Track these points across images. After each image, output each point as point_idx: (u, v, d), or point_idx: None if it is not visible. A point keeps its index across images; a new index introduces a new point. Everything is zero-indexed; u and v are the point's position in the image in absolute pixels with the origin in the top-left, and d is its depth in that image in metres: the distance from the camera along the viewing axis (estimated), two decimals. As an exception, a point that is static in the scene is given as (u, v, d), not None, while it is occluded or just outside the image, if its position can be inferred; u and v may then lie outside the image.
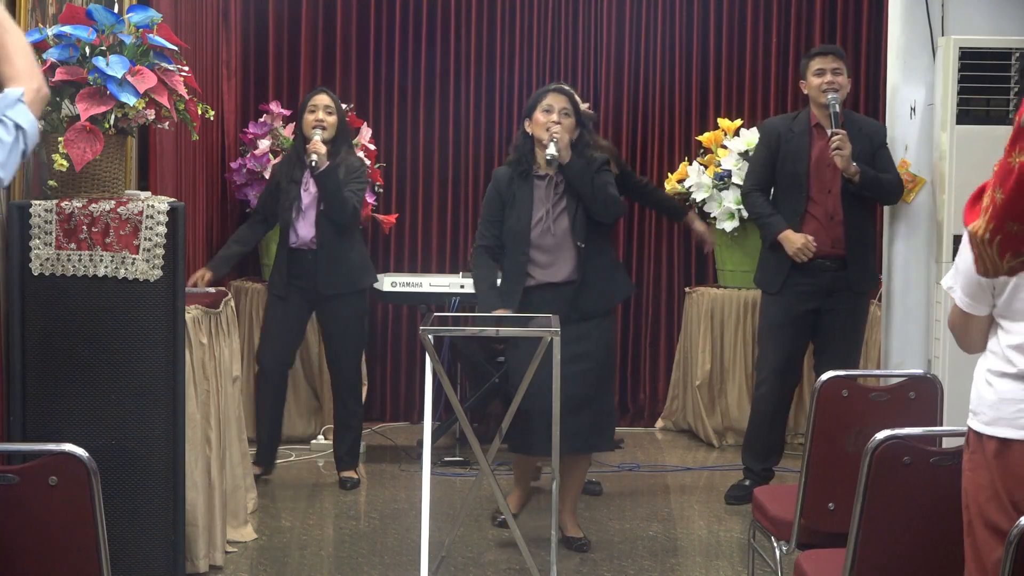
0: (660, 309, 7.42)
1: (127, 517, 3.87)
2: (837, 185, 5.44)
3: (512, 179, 4.98)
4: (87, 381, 3.88)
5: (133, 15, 3.96)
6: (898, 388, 3.73)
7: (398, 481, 6.13)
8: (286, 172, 5.88)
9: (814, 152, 5.50)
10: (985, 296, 2.76)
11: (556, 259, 4.92)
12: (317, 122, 5.74)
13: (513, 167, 5.00)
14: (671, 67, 7.35)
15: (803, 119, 5.60)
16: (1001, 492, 2.64)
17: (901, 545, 2.97)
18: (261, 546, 5.06)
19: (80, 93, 3.79)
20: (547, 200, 4.94)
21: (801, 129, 5.56)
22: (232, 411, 4.98)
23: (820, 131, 5.50)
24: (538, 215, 4.92)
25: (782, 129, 5.61)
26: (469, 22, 7.33)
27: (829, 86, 5.43)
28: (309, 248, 5.78)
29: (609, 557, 4.97)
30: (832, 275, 5.48)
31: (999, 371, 2.73)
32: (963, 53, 5.00)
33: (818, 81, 5.46)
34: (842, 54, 5.59)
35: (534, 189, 4.94)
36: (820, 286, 5.48)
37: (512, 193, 4.96)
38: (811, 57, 5.57)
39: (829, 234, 5.47)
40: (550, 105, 4.88)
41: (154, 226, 3.89)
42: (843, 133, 5.32)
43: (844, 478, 3.37)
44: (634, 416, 7.40)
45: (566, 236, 4.91)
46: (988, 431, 2.70)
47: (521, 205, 4.93)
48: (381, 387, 7.34)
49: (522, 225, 4.92)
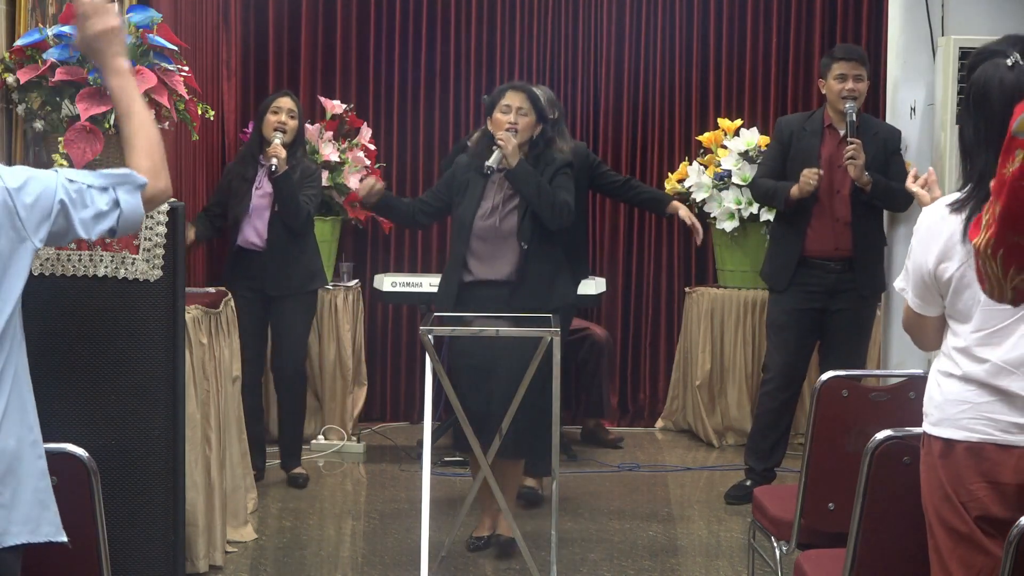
0: (660, 309, 7.42)
1: (127, 517, 3.86)
2: (846, 187, 5.43)
3: (469, 168, 4.93)
4: (87, 381, 3.88)
5: (133, 15, 3.96)
6: (898, 388, 3.73)
7: (398, 481, 6.13)
8: (239, 171, 5.85)
9: (824, 152, 5.49)
10: (934, 297, 2.78)
11: (496, 255, 4.83)
12: (280, 124, 5.70)
13: (472, 158, 4.96)
14: (671, 67, 7.35)
15: (817, 119, 5.59)
16: (950, 492, 2.66)
17: (901, 545, 2.97)
18: (261, 546, 5.06)
19: (80, 93, 3.79)
20: (498, 195, 4.87)
21: (814, 128, 5.55)
22: (232, 411, 4.98)
23: (833, 132, 5.49)
24: (484, 208, 4.85)
25: (795, 127, 5.60)
26: (469, 22, 7.33)
27: (849, 93, 5.40)
28: (259, 248, 5.75)
29: (609, 557, 4.97)
30: (837, 276, 5.47)
31: (946, 372, 2.75)
32: (963, 53, 4.99)
33: (838, 87, 5.42)
34: (865, 59, 5.53)
35: (487, 182, 4.87)
36: (826, 286, 5.48)
37: (466, 181, 4.91)
38: (834, 59, 5.50)
39: (835, 235, 5.46)
40: (507, 105, 4.84)
41: (154, 226, 3.89)
42: (858, 143, 5.29)
43: (844, 478, 3.36)
44: (634, 416, 7.40)
45: (511, 234, 4.83)
46: (934, 432, 2.72)
47: (471, 195, 4.88)
48: (381, 387, 7.35)
49: (467, 216, 4.86)
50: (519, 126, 4.81)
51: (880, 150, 5.42)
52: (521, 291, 4.81)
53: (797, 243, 5.50)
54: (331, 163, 6.58)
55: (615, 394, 7.32)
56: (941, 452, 2.69)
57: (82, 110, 3.76)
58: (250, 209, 5.74)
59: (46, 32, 3.89)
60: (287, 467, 6.00)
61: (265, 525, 5.34)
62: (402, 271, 7.18)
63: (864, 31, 7.25)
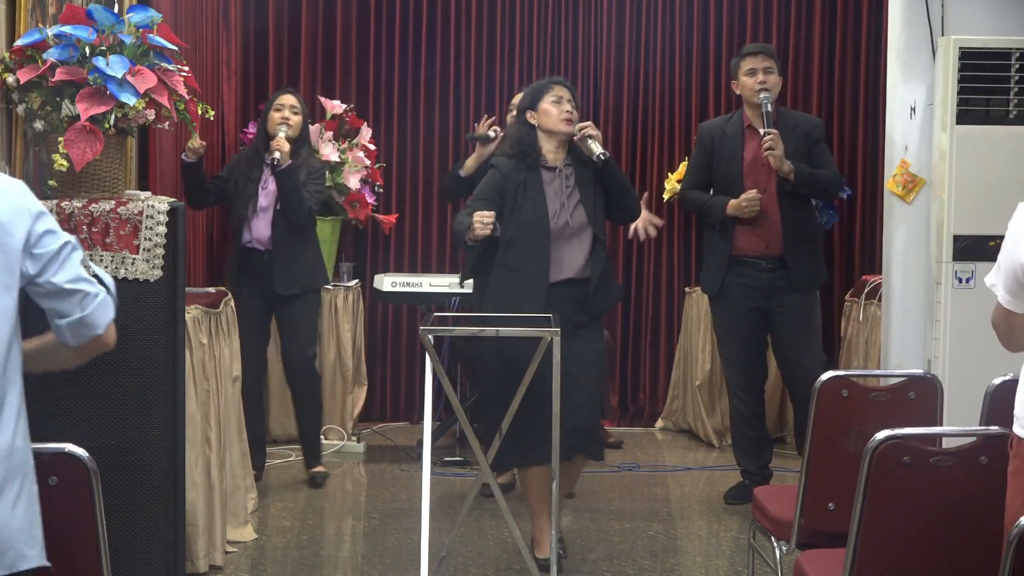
0: (660, 309, 7.42)
1: (127, 517, 3.86)
2: (772, 185, 5.49)
3: (519, 169, 4.74)
4: (87, 381, 3.87)
5: (133, 15, 3.96)
6: (898, 388, 3.73)
7: (398, 481, 6.13)
8: (244, 170, 5.84)
9: (747, 153, 5.56)
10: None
11: (568, 254, 4.71)
12: (283, 120, 5.73)
13: (518, 159, 4.76)
14: (671, 67, 7.35)
15: (736, 121, 5.66)
16: None
17: (901, 545, 2.97)
18: (261, 546, 5.06)
19: (80, 93, 3.79)
20: (561, 192, 4.74)
21: (734, 131, 5.62)
22: (232, 411, 4.98)
23: (753, 132, 5.55)
24: (553, 208, 4.71)
25: (716, 132, 5.68)
26: (469, 22, 7.33)
27: (761, 86, 5.47)
28: (264, 248, 5.76)
29: (609, 557, 4.97)
30: (770, 275, 5.51)
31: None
32: (963, 53, 4.99)
33: (750, 81, 5.51)
34: (772, 53, 5.65)
35: (542, 181, 4.74)
36: (759, 286, 5.52)
37: (521, 182, 4.71)
38: (742, 57, 5.61)
39: (765, 234, 5.51)
40: (559, 96, 4.75)
41: (154, 226, 3.89)
42: (775, 133, 5.38)
43: (844, 478, 3.36)
44: (634, 416, 7.40)
45: (584, 229, 4.72)
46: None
47: (533, 197, 4.70)
48: (381, 387, 7.35)
49: (540, 216, 4.68)
50: (575, 118, 4.77)
51: (801, 141, 5.51)
52: (599, 287, 4.75)
53: (726, 245, 5.56)
54: (331, 163, 6.58)
55: (615, 394, 7.32)
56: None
57: (82, 110, 3.76)
58: (257, 208, 5.75)
59: (46, 32, 3.88)
60: (310, 465, 6.00)
61: (265, 525, 5.34)
62: (402, 271, 7.18)
63: (864, 31, 7.25)
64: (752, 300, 5.54)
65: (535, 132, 4.78)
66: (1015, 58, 4.99)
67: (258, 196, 5.76)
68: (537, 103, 4.78)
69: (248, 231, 5.77)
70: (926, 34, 5.23)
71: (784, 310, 5.53)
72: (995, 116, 5.04)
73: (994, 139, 4.99)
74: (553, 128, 4.75)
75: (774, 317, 5.56)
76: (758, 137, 5.49)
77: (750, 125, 5.57)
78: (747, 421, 5.68)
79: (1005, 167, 4.97)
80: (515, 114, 5.12)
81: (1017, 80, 5.00)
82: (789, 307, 5.52)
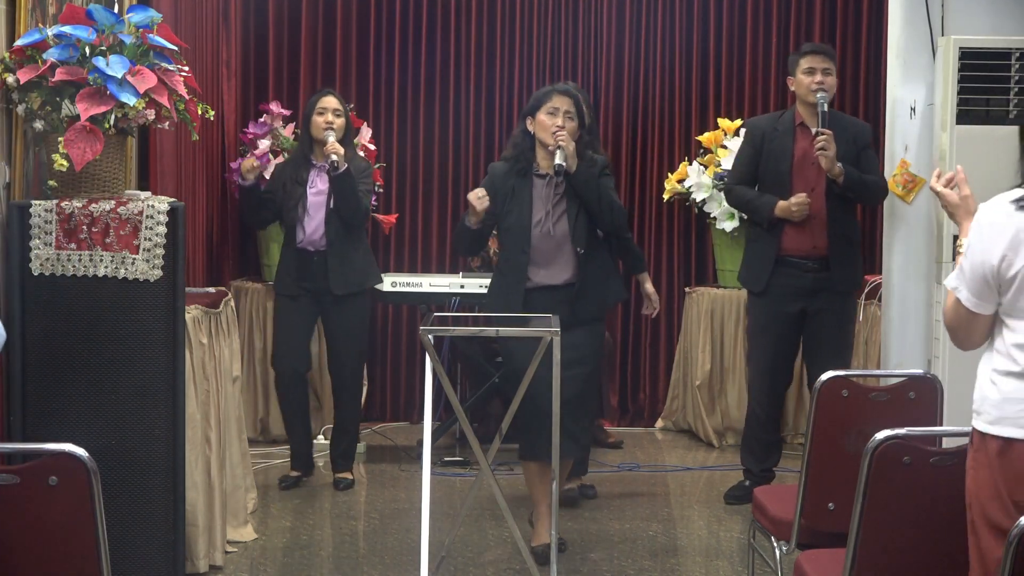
0: (660, 309, 7.40)
1: (127, 517, 3.87)
2: (821, 185, 5.45)
3: (510, 175, 4.90)
4: (87, 381, 3.88)
5: (133, 15, 3.96)
6: (898, 388, 3.73)
7: (398, 481, 6.13)
8: (291, 173, 5.87)
9: (797, 151, 5.51)
10: (992, 295, 2.75)
11: (554, 261, 4.84)
12: (327, 124, 5.74)
13: (512, 164, 4.91)
14: (671, 67, 7.35)
15: (788, 118, 5.61)
16: (1003, 492, 2.64)
17: (901, 545, 2.98)
18: (261, 546, 5.06)
19: (80, 93, 3.79)
20: (548, 201, 4.86)
21: (785, 128, 5.57)
22: (232, 411, 4.98)
23: (804, 130, 5.51)
24: (538, 215, 4.85)
25: (767, 128, 5.62)
26: (469, 22, 7.33)
27: (819, 86, 5.44)
28: (318, 248, 5.77)
29: (609, 557, 4.97)
30: (814, 276, 5.48)
31: (1004, 370, 2.73)
32: (963, 53, 4.99)
33: (808, 80, 5.47)
34: (833, 54, 5.61)
35: (533, 188, 4.87)
36: (803, 286, 5.48)
37: (510, 189, 4.87)
38: (801, 55, 5.57)
39: (811, 234, 5.48)
40: (555, 107, 4.81)
41: (154, 226, 3.89)
42: (829, 133, 5.32)
43: (844, 478, 3.36)
44: (634, 416, 7.39)
45: (565, 239, 4.84)
46: (991, 430, 2.70)
47: (521, 203, 4.85)
48: (381, 387, 7.34)
49: (523, 223, 4.84)
50: (566, 130, 4.79)
51: (851, 145, 5.46)
52: (582, 294, 4.84)
53: (773, 244, 5.51)
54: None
55: (615, 394, 7.31)
56: (999, 451, 2.68)
57: (82, 110, 3.76)
58: (307, 207, 5.75)
59: (46, 32, 3.89)
60: (339, 469, 5.98)
61: (265, 525, 5.33)
62: (402, 271, 7.17)
63: (864, 31, 7.25)
64: (793, 303, 5.49)
65: (532, 139, 4.88)
66: (1015, 58, 4.99)
67: (307, 197, 5.77)
68: (536, 111, 4.86)
69: (301, 232, 5.78)
70: (926, 34, 5.23)
71: (823, 312, 5.47)
72: (995, 116, 5.04)
73: (994, 139, 4.99)
74: (544, 140, 4.84)
75: (811, 319, 5.50)
76: (809, 135, 5.43)
77: (802, 123, 5.52)
78: (761, 425, 5.64)
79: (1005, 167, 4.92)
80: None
81: (1017, 80, 5.00)
82: (829, 309, 5.48)
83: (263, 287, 6.74)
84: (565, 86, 5.06)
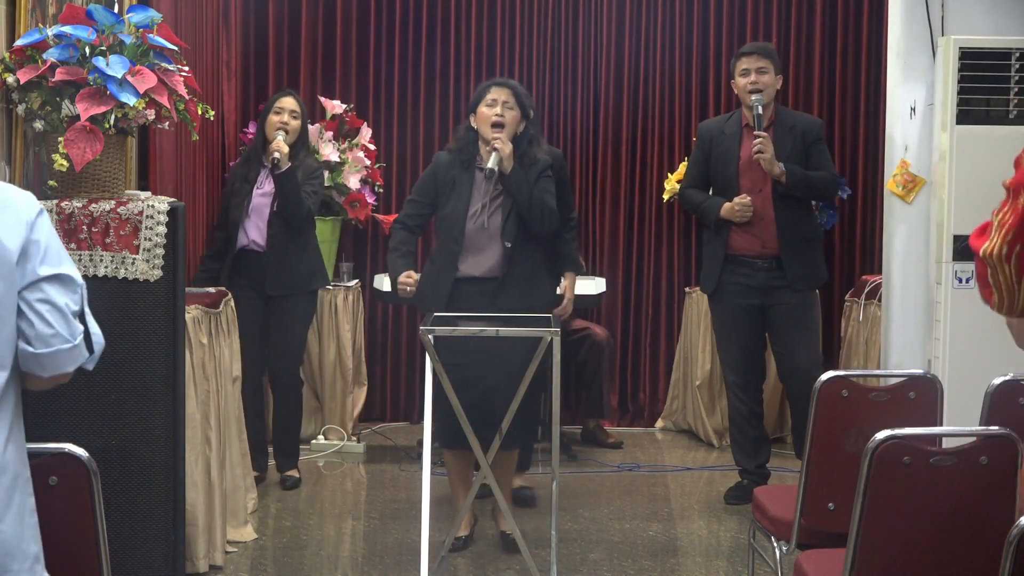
0: (660, 309, 7.42)
1: (127, 517, 3.87)
2: (768, 185, 5.51)
3: (453, 165, 4.96)
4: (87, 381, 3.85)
5: (133, 15, 3.96)
6: (898, 388, 3.73)
7: (398, 481, 6.13)
8: (242, 172, 5.85)
9: (743, 153, 5.57)
10: None
11: (483, 253, 4.89)
12: (281, 124, 5.73)
13: (455, 155, 4.99)
14: (671, 67, 7.35)
15: (735, 120, 5.68)
16: None
17: (901, 545, 2.97)
18: (261, 546, 5.06)
19: (80, 93, 3.79)
20: (485, 194, 4.91)
21: (732, 130, 5.63)
22: (232, 411, 4.98)
23: (749, 131, 5.55)
24: (474, 207, 4.90)
25: (715, 131, 5.69)
26: (469, 22, 7.33)
27: (753, 86, 5.48)
28: (259, 248, 5.75)
29: (609, 557, 4.97)
30: (766, 274, 5.53)
31: None
32: (963, 53, 5.00)
33: (743, 82, 5.53)
34: (769, 52, 5.63)
35: (474, 181, 4.93)
36: (756, 285, 5.54)
37: (451, 179, 4.94)
38: (737, 57, 5.63)
39: (760, 235, 5.53)
40: (493, 99, 4.90)
41: (154, 226, 3.89)
42: (765, 135, 5.40)
43: (844, 478, 3.37)
44: (634, 416, 7.40)
45: (496, 233, 4.88)
46: None
47: (459, 194, 4.92)
48: (381, 387, 7.34)
49: (458, 214, 4.90)
50: (506, 119, 4.87)
51: (798, 142, 5.52)
52: (505, 288, 4.88)
53: (721, 244, 5.58)
54: (331, 163, 6.59)
55: (615, 394, 7.31)
56: None
57: (82, 110, 3.76)
58: (250, 209, 5.74)
59: (46, 32, 3.88)
60: (282, 468, 5.99)
61: (265, 525, 5.34)
62: (402, 271, 7.16)
63: (864, 31, 7.25)
64: (749, 298, 5.56)
65: (475, 134, 4.97)
66: (1015, 58, 4.99)
67: (251, 197, 5.75)
68: (476, 106, 4.96)
69: (243, 233, 5.77)
70: (926, 34, 5.23)
71: (781, 308, 5.54)
72: (995, 116, 5.05)
73: (994, 139, 4.99)
74: (484, 133, 4.92)
75: (771, 314, 5.58)
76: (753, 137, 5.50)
77: (747, 124, 5.58)
78: (745, 420, 5.69)
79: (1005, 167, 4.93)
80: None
81: (1017, 80, 5.00)
82: (786, 305, 5.54)
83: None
84: (502, 79, 5.18)
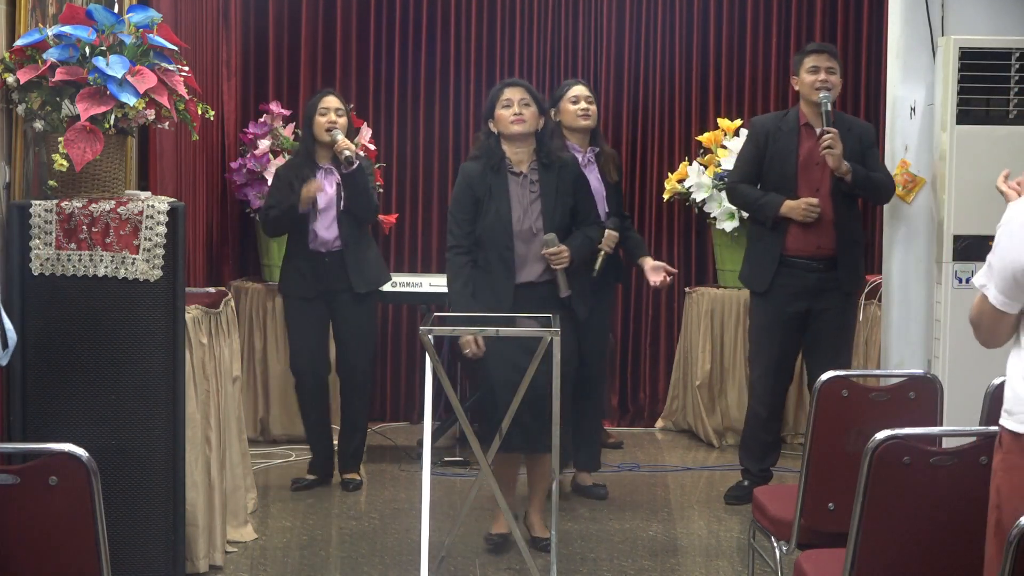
0: (660, 309, 7.42)
1: (127, 517, 3.87)
2: (826, 185, 5.42)
3: (485, 174, 4.91)
4: (87, 381, 3.88)
5: (133, 15, 3.96)
6: (898, 388, 3.73)
7: (398, 481, 6.13)
8: (296, 173, 5.76)
9: (802, 151, 5.46)
10: (1021, 294, 2.73)
11: (530, 257, 4.88)
12: (330, 123, 5.70)
13: (483, 162, 4.93)
14: (671, 67, 7.35)
15: (792, 117, 5.55)
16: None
17: (901, 545, 2.98)
18: (261, 546, 5.06)
19: (80, 93, 3.79)
20: (524, 198, 4.90)
21: (790, 128, 5.51)
22: (232, 411, 4.98)
23: (809, 130, 5.47)
24: (517, 213, 4.88)
25: (771, 127, 5.56)
26: (469, 22, 7.33)
27: (822, 84, 5.39)
28: (331, 249, 5.72)
29: (609, 557, 4.97)
30: (819, 275, 5.45)
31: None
32: (963, 53, 5.00)
33: (811, 79, 5.42)
34: (836, 53, 5.56)
35: (509, 184, 4.90)
36: (808, 287, 5.45)
37: (487, 187, 4.88)
38: (805, 54, 5.52)
39: (817, 235, 5.44)
40: (509, 99, 4.88)
41: (154, 226, 3.89)
42: (834, 131, 5.28)
43: (844, 478, 3.37)
44: (634, 416, 7.39)
45: (540, 234, 4.87)
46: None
47: (499, 199, 4.87)
48: (381, 387, 7.34)
49: (503, 219, 4.85)
50: (525, 116, 4.85)
51: (856, 145, 5.42)
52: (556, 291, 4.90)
53: (777, 243, 5.47)
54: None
55: (615, 394, 7.31)
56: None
57: (82, 110, 3.76)
58: (318, 208, 5.70)
59: (46, 32, 3.89)
60: (346, 469, 5.94)
61: (265, 525, 5.34)
62: (402, 271, 7.17)
63: (864, 31, 7.25)
64: (797, 303, 5.46)
65: (498, 139, 4.93)
66: (1015, 58, 5.00)
67: (316, 199, 5.69)
68: (493, 110, 4.93)
69: (313, 234, 5.72)
70: (926, 34, 5.23)
71: (827, 312, 5.45)
72: (995, 116, 5.05)
73: (994, 139, 4.99)
74: (507, 132, 4.89)
75: (814, 319, 5.47)
76: (813, 135, 5.40)
77: (807, 123, 5.47)
78: (762, 424, 5.62)
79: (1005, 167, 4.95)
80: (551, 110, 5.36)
81: (1017, 80, 5.00)
82: (833, 309, 5.45)
83: (263, 287, 6.74)
84: (513, 79, 5.17)
